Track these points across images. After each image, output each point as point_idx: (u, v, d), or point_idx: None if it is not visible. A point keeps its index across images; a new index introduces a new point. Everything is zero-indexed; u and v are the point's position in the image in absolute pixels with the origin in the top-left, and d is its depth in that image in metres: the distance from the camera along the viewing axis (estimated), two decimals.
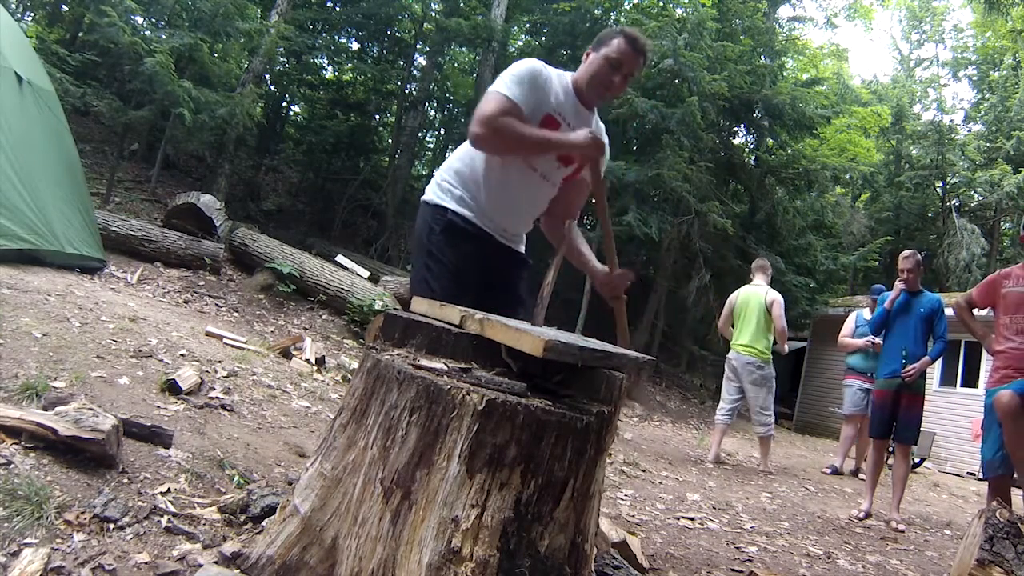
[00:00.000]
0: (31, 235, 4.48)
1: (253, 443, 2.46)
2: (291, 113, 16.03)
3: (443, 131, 17.77)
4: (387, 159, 14.76)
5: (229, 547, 1.49)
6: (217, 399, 2.85)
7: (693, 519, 3.29)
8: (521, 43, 15.59)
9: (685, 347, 14.01)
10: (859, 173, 15.06)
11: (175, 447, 2.07)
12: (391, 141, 15.16)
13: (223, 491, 1.92)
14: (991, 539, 2.13)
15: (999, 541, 2.12)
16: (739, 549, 2.88)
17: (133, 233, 6.35)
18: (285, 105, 15.22)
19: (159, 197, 9.23)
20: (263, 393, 3.31)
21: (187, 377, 2.81)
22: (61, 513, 1.49)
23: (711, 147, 11.96)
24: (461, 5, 13.46)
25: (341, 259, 8.64)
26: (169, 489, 1.80)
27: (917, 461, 7.16)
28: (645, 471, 4.49)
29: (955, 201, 18.17)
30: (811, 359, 13.70)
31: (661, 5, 13.42)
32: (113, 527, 1.52)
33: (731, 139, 13.74)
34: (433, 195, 2.14)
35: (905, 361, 4.10)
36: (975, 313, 4.01)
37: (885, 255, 16.79)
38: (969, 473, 8.90)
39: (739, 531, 3.26)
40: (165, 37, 8.43)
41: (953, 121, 20.48)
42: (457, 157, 2.17)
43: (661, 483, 4.23)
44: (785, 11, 16.82)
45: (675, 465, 5.13)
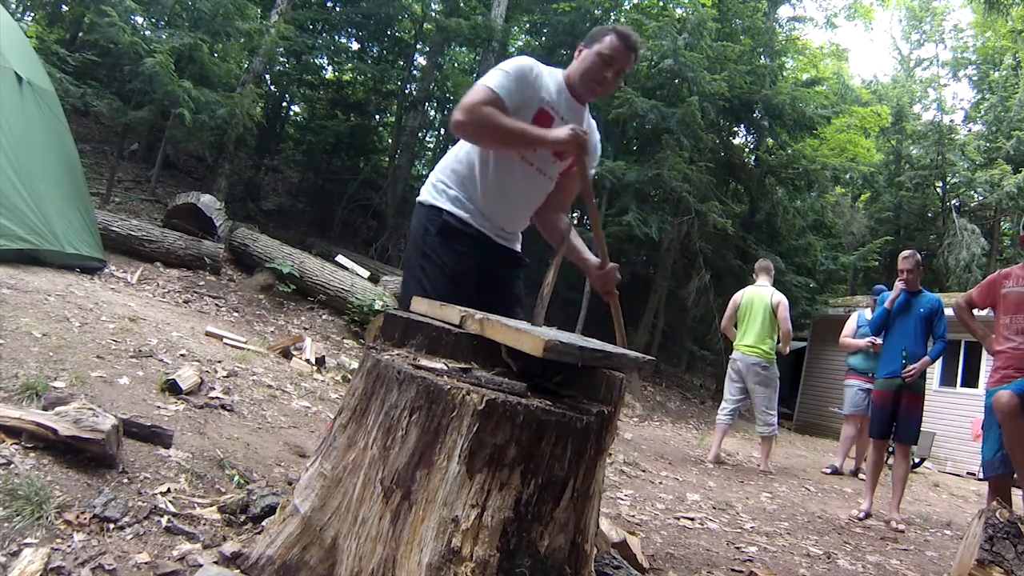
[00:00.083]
0: (31, 235, 4.48)
1: (253, 443, 2.46)
2: (291, 113, 16.04)
3: (443, 131, 17.74)
4: (387, 159, 14.76)
5: (229, 547, 1.49)
6: (217, 399, 2.85)
7: (693, 519, 3.29)
8: (521, 43, 15.59)
9: (685, 347, 14.02)
10: (859, 173, 15.06)
11: (175, 447, 2.07)
12: (391, 141, 15.17)
13: (223, 491, 1.92)
14: (991, 539, 2.13)
15: (999, 541, 2.12)
16: (739, 549, 2.88)
17: (133, 233, 6.36)
18: (285, 105, 15.21)
19: (159, 197, 9.24)
20: (263, 393, 3.31)
21: (187, 377, 2.81)
22: (61, 513, 1.49)
23: (711, 147, 11.97)
24: (461, 5, 13.47)
25: (341, 259, 8.64)
26: (169, 489, 1.79)
27: (917, 461, 7.15)
28: (645, 471, 4.49)
29: (955, 201, 18.18)
30: (811, 359, 13.68)
31: (661, 5, 13.42)
32: (113, 527, 1.52)
33: (731, 139, 13.76)
34: (428, 196, 2.13)
35: (905, 361, 4.09)
36: (975, 313, 4.01)
37: (885, 255, 16.80)
38: (969, 473, 8.90)
39: (739, 531, 3.25)
40: (165, 37, 8.43)
41: (953, 121, 20.53)
42: (453, 157, 2.16)
43: (661, 483, 4.23)
44: (785, 11, 16.86)
45: (675, 465, 5.13)
